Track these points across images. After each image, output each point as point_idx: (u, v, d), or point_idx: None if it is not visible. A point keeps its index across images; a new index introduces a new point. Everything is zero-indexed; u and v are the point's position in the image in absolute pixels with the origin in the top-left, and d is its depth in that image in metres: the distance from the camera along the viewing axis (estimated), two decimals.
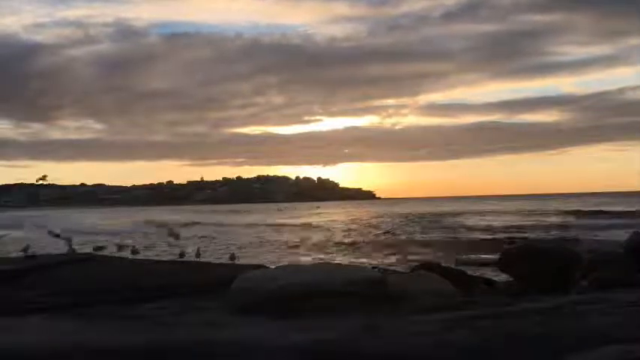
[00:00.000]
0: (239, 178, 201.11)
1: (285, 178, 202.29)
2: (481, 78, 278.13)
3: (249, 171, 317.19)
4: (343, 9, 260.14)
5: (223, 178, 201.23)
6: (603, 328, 4.10)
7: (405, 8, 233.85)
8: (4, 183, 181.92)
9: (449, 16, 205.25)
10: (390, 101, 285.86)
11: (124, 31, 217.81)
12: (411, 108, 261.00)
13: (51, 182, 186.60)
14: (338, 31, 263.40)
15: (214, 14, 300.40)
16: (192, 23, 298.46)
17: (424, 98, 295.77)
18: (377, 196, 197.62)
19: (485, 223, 39.71)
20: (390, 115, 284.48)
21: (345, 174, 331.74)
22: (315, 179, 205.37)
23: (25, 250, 18.66)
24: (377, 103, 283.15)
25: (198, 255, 15.22)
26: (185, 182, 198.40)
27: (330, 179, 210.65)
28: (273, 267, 8.58)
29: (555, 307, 5.05)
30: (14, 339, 4.37)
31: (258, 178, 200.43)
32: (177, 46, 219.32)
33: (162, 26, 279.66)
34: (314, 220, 52.33)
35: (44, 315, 5.62)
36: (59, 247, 13.69)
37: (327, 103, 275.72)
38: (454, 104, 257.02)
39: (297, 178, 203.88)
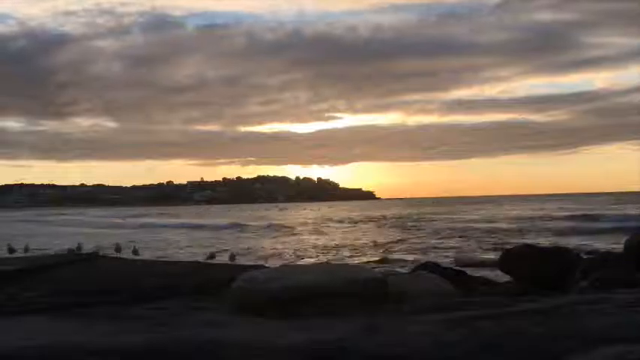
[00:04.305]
0: (239, 178, 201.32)
1: (285, 179, 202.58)
2: (517, 72, 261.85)
3: (256, 170, 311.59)
4: None
5: (223, 179, 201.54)
6: (603, 329, 4.10)
7: None
8: (4, 183, 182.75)
9: (507, 3, 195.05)
10: (418, 97, 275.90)
11: (159, 21, 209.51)
12: (439, 104, 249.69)
13: (51, 182, 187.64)
14: (385, 19, 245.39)
15: (261, 1, 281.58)
16: (234, 13, 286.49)
17: (454, 94, 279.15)
18: (377, 196, 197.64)
19: (487, 222, 39.68)
20: (415, 112, 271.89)
21: (354, 174, 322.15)
22: (315, 180, 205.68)
23: (11, 250, 18.85)
24: (406, 98, 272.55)
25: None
26: (185, 182, 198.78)
27: (331, 179, 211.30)
28: (273, 267, 8.60)
29: (555, 308, 5.05)
30: (14, 339, 4.37)
31: (259, 178, 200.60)
32: (211, 38, 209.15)
33: (201, 16, 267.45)
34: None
35: (44, 315, 5.61)
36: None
37: (352, 99, 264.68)
38: (481, 100, 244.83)
39: (297, 178, 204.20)
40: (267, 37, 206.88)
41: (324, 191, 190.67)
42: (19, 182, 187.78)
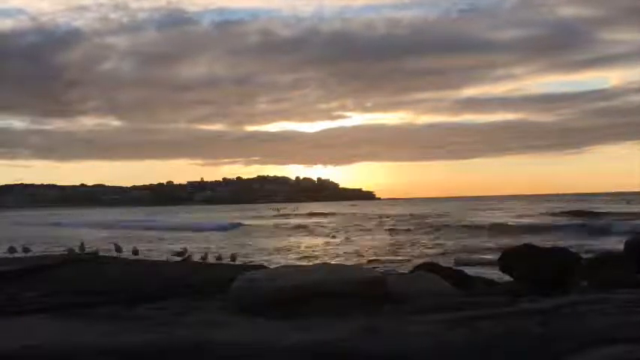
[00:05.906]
0: (239, 178, 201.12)
1: (285, 179, 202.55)
2: (530, 70, 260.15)
3: (259, 170, 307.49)
4: None
5: (223, 179, 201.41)
6: (603, 329, 4.10)
7: None
8: (4, 183, 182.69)
9: None
10: (429, 95, 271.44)
11: (173, 17, 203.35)
12: (449, 102, 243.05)
13: (51, 182, 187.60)
14: (405, 15, 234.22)
15: None
16: (251, 9, 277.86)
17: (465, 92, 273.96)
18: (377, 196, 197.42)
19: (488, 222, 39.61)
20: (425, 111, 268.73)
21: (356, 174, 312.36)
22: (315, 179, 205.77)
23: (11, 250, 18.90)
24: (417, 96, 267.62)
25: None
26: (185, 182, 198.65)
27: (332, 179, 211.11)
28: (273, 267, 8.60)
29: (555, 308, 5.05)
30: (14, 339, 4.38)
31: (258, 178, 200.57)
32: (224, 35, 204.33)
33: (217, 12, 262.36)
34: None
35: (44, 315, 5.61)
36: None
37: (362, 97, 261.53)
38: (492, 99, 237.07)
39: (297, 178, 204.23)
40: (283, 34, 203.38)
41: (323, 191, 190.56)
42: (19, 182, 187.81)
